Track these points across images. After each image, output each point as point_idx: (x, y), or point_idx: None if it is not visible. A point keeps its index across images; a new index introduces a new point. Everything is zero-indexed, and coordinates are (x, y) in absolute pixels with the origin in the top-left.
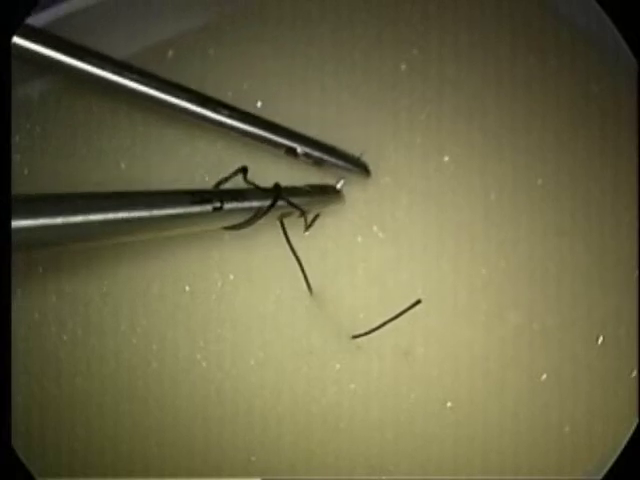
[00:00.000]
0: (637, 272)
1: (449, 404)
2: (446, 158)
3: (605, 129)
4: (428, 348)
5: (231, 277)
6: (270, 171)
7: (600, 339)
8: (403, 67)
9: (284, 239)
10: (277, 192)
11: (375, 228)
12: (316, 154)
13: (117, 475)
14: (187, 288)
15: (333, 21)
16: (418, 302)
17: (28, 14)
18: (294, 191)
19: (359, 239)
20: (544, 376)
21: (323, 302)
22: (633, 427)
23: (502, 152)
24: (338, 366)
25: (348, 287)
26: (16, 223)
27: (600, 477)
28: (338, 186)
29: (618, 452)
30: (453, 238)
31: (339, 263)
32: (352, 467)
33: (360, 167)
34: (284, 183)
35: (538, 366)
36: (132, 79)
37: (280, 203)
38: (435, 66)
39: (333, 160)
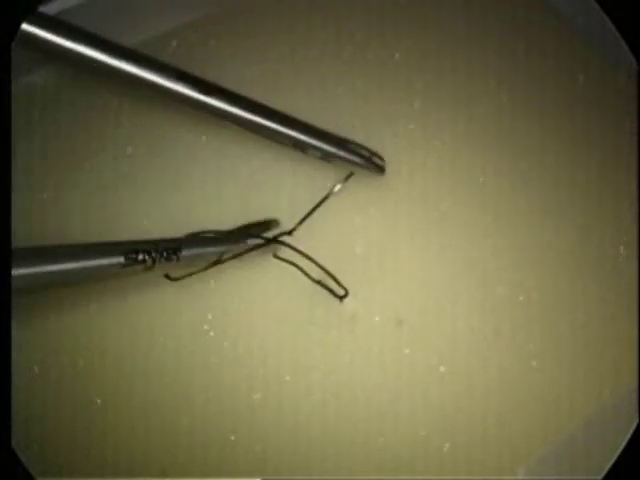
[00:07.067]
0: (621, 249)
1: (442, 368)
2: (436, 143)
3: (605, 128)
4: (420, 319)
5: None
6: (273, 169)
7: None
8: (397, 56)
9: None
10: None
11: (372, 209)
12: (326, 147)
13: (117, 475)
14: None
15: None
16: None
17: (29, 11)
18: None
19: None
20: (530, 345)
21: None
22: (633, 427)
23: (487, 138)
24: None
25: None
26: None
27: (600, 477)
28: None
29: (618, 452)
30: (442, 220)
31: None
32: (354, 427)
33: (373, 164)
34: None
35: (523, 335)
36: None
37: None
38: (432, 58)
39: (344, 154)
